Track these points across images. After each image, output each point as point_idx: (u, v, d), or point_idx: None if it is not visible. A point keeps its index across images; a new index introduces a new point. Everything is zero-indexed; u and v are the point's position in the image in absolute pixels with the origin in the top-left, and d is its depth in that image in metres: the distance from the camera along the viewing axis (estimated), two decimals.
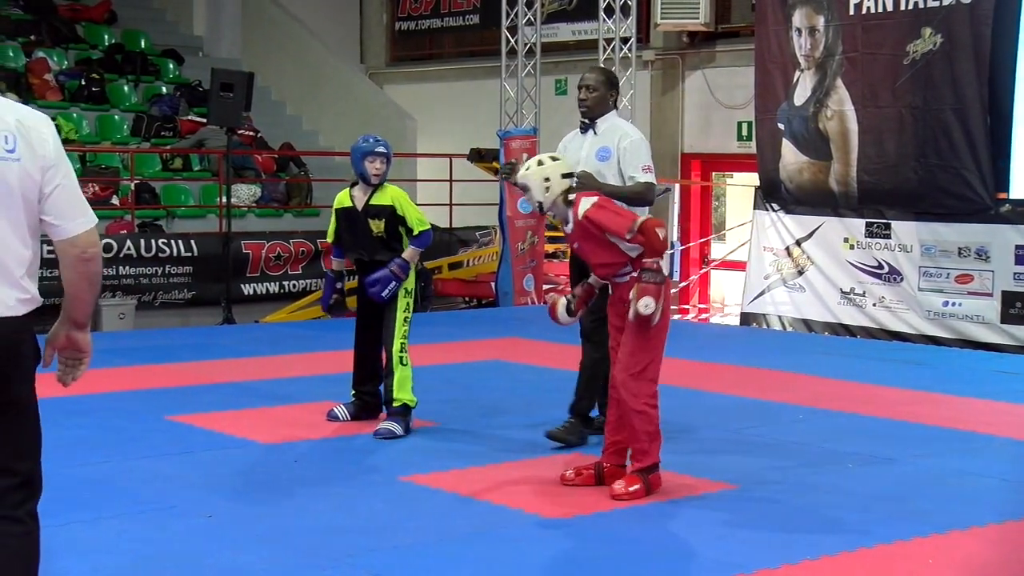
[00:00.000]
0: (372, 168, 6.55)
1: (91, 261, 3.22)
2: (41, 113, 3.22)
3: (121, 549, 4.52)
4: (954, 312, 10.89)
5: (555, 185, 5.43)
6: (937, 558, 4.63)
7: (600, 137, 6.23)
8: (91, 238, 3.22)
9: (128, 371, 8.66)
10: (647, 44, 15.69)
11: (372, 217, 6.57)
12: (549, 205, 5.46)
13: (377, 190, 6.61)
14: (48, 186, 3.12)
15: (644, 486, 5.32)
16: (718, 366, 9.35)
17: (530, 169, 5.50)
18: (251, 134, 15.16)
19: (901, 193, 11.22)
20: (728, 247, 15.48)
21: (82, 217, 3.20)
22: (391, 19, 19.53)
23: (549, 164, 5.49)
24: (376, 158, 6.56)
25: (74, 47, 16.07)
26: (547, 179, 5.43)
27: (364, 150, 6.57)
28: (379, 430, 6.48)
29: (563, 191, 5.43)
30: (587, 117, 6.28)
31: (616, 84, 6.45)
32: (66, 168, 3.18)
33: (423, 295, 13.13)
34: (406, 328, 6.58)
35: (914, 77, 11.00)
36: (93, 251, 3.22)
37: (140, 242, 12.14)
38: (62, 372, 3.36)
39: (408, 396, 6.53)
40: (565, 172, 5.48)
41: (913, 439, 6.71)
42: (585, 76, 6.38)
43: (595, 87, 6.27)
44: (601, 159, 6.16)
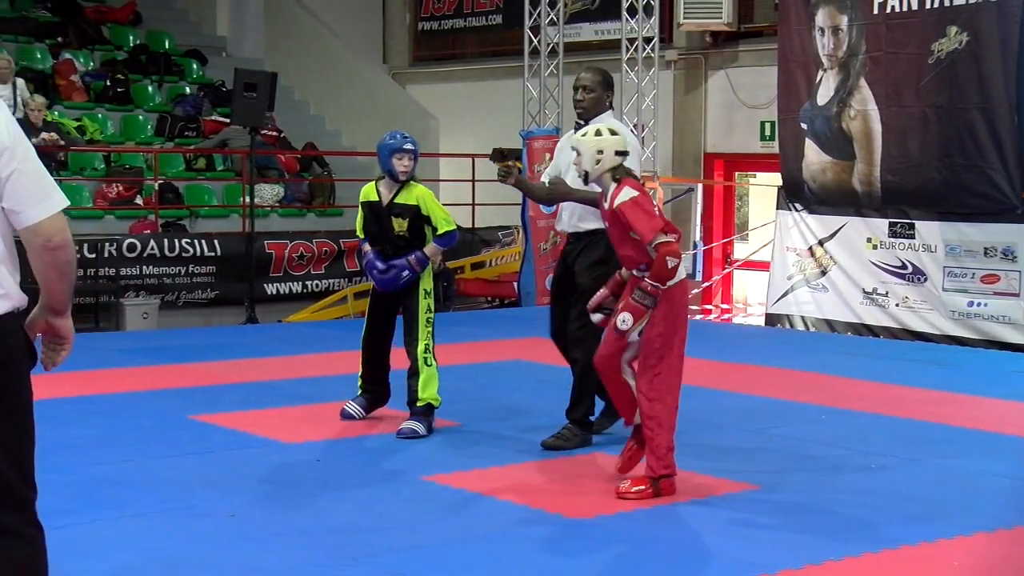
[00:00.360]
0: (400, 165, 6.51)
1: (57, 250, 2.97)
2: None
3: (144, 547, 4.53)
4: (979, 312, 10.82)
5: (606, 160, 5.37)
6: (962, 560, 4.60)
7: None
8: (55, 224, 2.97)
9: (151, 370, 8.69)
10: (670, 44, 15.66)
11: (395, 215, 6.55)
12: (595, 177, 5.43)
13: (403, 188, 6.57)
14: (3, 171, 2.91)
15: (653, 489, 5.30)
16: (740, 366, 9.32)
17: (587, 136, 5.45)
18: (274, 134, 15.20)
19: (925, 193, 11.16)
20: (751, 247, 15.43)
21: (44, 202, 2.95)
22: (414, 19, 19.55)
23: (607, 137, 5.41)
24: (404, 155, 6.51)
25: (99, 48, 16.16)
26: (600, 151, 5.38)
27: (392, 147, 6.53)
28: (402, 429, 6.49)
29: (612, 168, 5.38)
30: (583, 118, 6.26)
31: (611, 85, 6.41)
32: (23, 151, 2.95)
33: (445, 295, 13.17)
34: (430, 329, 6.58)
35: (939, 76, 10.93)
36: (59, 239, 2.97)
37: (163, 242, 12.19)
38: (44, 356, 3.17)
39: (433, 396, 6.52)
40: (620, 150, 5.40)
41: (937, 440, 6.67)
42: (581, 76, 6.35)
43: (592, 87, 6.26)
44: None
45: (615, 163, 5.39)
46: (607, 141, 5.40)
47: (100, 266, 11.71)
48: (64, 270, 3.02)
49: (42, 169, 2.99)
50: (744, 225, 16.38)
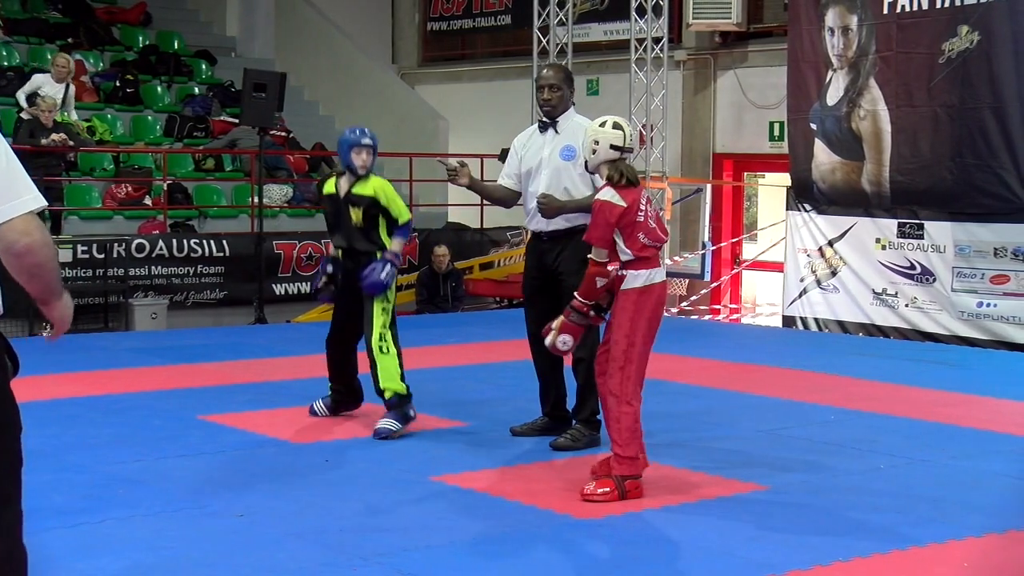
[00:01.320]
0: (359, 160, 6.63)
1: (22, 256, 2.74)
2: None
3: (154, 547, 4.54)
4: (989, 313, 10.80)
5: (601, 152, 5.37)
6: (972, 562, 4.58)
7: (562, 135, 6.24)
8: (20, 227, 2.73)
9: (160, 371, 8.71)
10: (679, 44, 15.65)
11: (352, 205, 6.65)
12: (592, 167, 5.46)
13: (360, 180, 6.68)
14: None
15: (618, 491, 5.27)
16: (749, 366, 9.31)
17: (592, 125, 5.47)
18: (283, 134, 15.22)
19: (935, 193, 11.14)
20: (760, 247, 15.41)
21: (7, 202, 2.72)
22: (423, 19, 19.56)
23: (608, 131, 5.39)
24: (363, 150, 6.64)
25: (109, 49, 16.20)
26: (596, 143, 5.39)
27: (352, 141, 6.65)
28: (377, 430, 6.49)
29: (607, 160, 5.37)
30: (550, 116, 6.28)
31: (572, 80, 6.44)
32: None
33: (454, 295, 13.18)
34: (385, 318, 6.56)
35: (950, 76, 10.91)
36: (23, 243, 2.74)
37: (172, 242, 12.22)
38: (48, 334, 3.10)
39: (396, 385, 6.50)
40: (616, 145, 5.37)
41: (947, 441, 6.66)
42: (546, 75, 6.37)
43: (558, 86, 6.27)
44: (566, 157, 6.16)
45: (610, 156, 5.37)
46: (605, 134, 5.39)
47: (109, 266, 11.73)
48: (33, 272, 2.81)
49: (15, 166, 2.79)
50: (753, 225, 16.36)
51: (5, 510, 2.83)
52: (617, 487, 5.28)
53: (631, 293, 5.32)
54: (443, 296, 13.15)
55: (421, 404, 7.00)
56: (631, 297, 5.32)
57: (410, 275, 13.56)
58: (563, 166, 6.16)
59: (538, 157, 6.26)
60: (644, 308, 5.35)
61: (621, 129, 5.40)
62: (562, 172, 6.17)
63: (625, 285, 5.34)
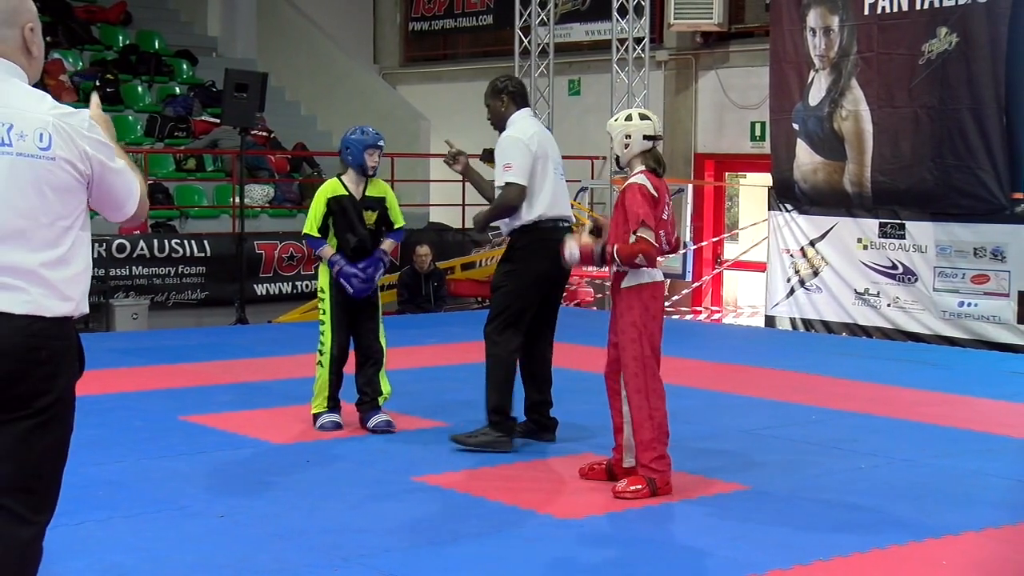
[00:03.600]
0: (371, 160, 6.63)
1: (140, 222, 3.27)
2: (80, 109, 3.09)
3: (135, 548, 4.52)
4: (970, 312, 10.85)
5: (635, 144, 5.38)
6: (950, 560, 4.61)
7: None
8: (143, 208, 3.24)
9: (141, 371, 8.68)
10: (660, 44, 15.67)
11: (368, 208, 6.67)
12: (625, 162, 5.44)
13: (370, 181, 6.71)
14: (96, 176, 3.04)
15: (649, 488, 5.30)
16: (732, 367, 9.33)
17: (618, 120, 5.46)
18: (265, 134, 15.19)
19: (916, 193, 11.19)
20: (741, 247, 15.45)
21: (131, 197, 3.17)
22: (404, 19, 19.54)
23: (636, 122, 5.40)
24: (376, 151, 6.65)
25: (89, 48, 16.13)
26: (628, 136, 5.38)
27: (366, 143, 6.63)
28: (378, 425, 6.59)
29: (641, 152, 5.38)
30: (497, 128, 6.38)
31: (501, 90, 6.39)
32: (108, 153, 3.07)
33: (436, 295, 13.17)
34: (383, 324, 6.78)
35: (930, 77, 10.96)
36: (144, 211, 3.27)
37: (153, 242, 12.18)
38: None
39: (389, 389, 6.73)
40: (648, 134, 5.39)
41: (928, 440, 6.68)
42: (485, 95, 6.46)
43: (487, 102, 6.41)
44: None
45: (644, 147, 5.38)
46: (635, 126, 5.39)
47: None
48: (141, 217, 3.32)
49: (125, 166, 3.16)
50: (734, 225, 16.40)
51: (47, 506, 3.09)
52: (649, 485, 5.29)
53: (637, 290, 5.31)
54: (425, 296, 13.13)
55: (402, 405, 7.00)
56: (636, 294, 5.31)
57: (392, 275, 13.55)
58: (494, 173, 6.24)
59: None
60: (652, 304, 5.34)
61: (649, 119, 5.44)
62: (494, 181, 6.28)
63: (627, 283, 5.34)
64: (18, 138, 2.92)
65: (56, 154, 2.95)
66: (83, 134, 3.01)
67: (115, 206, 3.14)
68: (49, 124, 2.95)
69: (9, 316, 2.90)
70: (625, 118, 5.44)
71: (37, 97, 3.00)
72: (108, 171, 3.07)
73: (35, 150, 2.93)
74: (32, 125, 2.94)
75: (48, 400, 2.96)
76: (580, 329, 9.64)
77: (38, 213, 2.94)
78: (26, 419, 2.94)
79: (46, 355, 2.94)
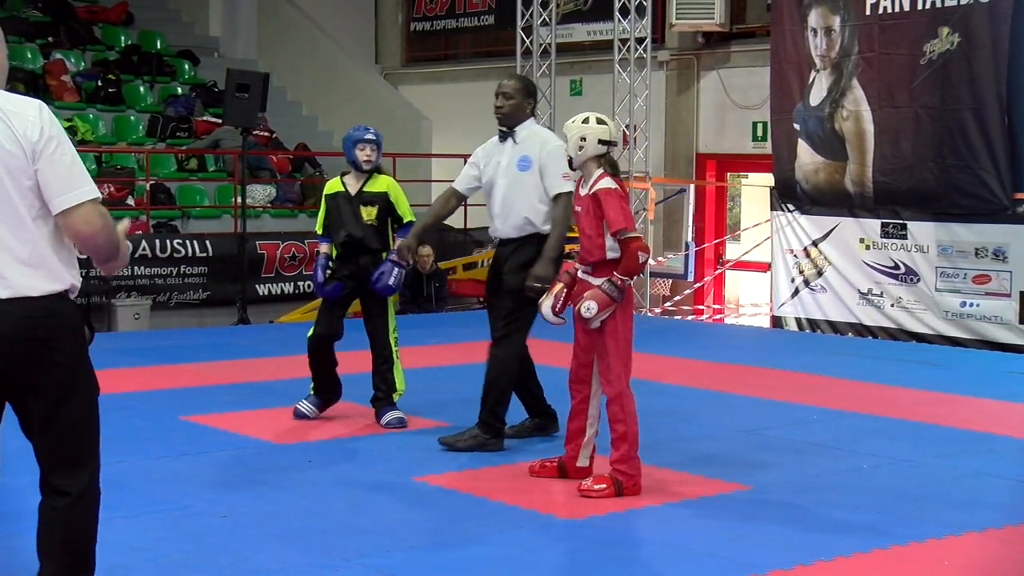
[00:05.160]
0: (363, 155, 6.68)
1: (86, 240, 3.22)
2: (32, 99, 3.25)
3: (136, 548, 4.52)
4: (972, 312, 10.85)
5: (589, 148, 5.43)
6: (952, 560, 4.61)
7: (520, 146, 6.24)
8: (84, 216, 3.21)
9: (143, 371, 8.68)
10: (662, 44, 15.66)
11: (366, 204, 6.70)
12: (578, 164, 5.49)
13: (371, 178, 6.75)
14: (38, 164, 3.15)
15: (615, 488, 5.31)
16: (733, 367, 9.33)
17: (575, 123, 5.50)
18: (266, 134, 15.18)
19: (918, 193, 11.19)
20: (743, 247, 15.45)
21: (69, 192, 3.18)
22: (406, 19, 19.54)
23: (592, 126, 5.45)
24: (367, 145, 6.69)
25: (91, 48, 16.13)
26: (583, 138, 5.43)
27: (355, 138, 6.73)
28: (391, 421, 6.67)
29: (596, 155, 5.42)
30: (504, 125, 6.29)
31: (533, 93, 6.42)
32: (55, 146, 3.18)
33: (437, 295, 13.17)
34: (395, 321, 6.81)
35: (931, 77, 10.96)
36: (86, 231, 3.22)
37: (155, 242, 12.17)
38: None
39: (403, 385, 6.82)
40: (604, 139, 5.44)
41: (930, 440, 6.68)
42: (503, 84, 6.36)
43: (511, 95, 6.27)
44: (521, 168, 6.18)
45: (599, 151, 5.44)
46: (591, 129, 5.45)
47: (91, 267, 11.64)
48: (96, 251, 3.29)
49: (73, 161, 3.20)
50: (736, 226, 16.40)
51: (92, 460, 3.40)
52: (614, 484, 5.31)
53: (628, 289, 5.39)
54: (426, 296, 13.13)
55: (404, 405, 6.99)
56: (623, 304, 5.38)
57: None
58: (519, 177, 6.17)
59: (496, 167, 6.28)
60: (628, 308, 5.44)
61: (605, 123, 5.48)
62: (517, 184, 6.18)
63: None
64: None
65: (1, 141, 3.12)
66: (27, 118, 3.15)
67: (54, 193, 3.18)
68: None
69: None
70: (582, 120, 5.49)
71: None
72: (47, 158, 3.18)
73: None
74: None
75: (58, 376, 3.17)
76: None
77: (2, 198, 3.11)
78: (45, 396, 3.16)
79: (42, 334, 3.13)
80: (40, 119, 3.17)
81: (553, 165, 6.07)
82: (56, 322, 3.16)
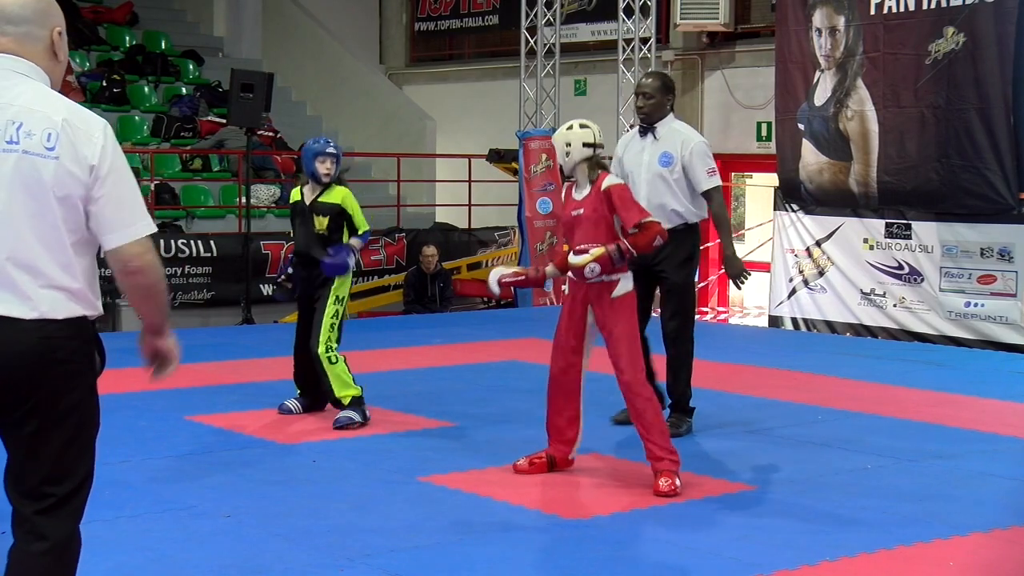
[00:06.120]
0: (322, 168, 6.79)
1: (135, 274, 3.00)
2: (98, 117, 3.04)
3: (141, 548, 4.53)
4: (976, 313, 10.83)
5: (575, 152, 5.51)
6: (958, 560, 4.60)
7: (661, 142, 6.52)
8: (133, 250, 2.97)
9: (147, 371, 8.66)
10: (666, 44, 15.66)
11: (318, 213, 6.80)
12: (569, 170, 5.57)
13: (326, 189, 6.84)
14: (94, 191, 2.94)
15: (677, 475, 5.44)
16: (738, 367, 9.32)
17: (559, 131, 5.62)
18: (271, 135, 15.20)
19: (922, 193, 11.17)
20: (747, 247, 15.44)
21: (125, 229, 2.97)
22: (411, 20, 19.55)
23: (576, 131, 5.54)
24: (327, 158, 6.80)
25: (96, 48, 16.15)
26: (568, 144, 5.52)
27: (315, 151, 6.82)
28: (338, 419, 6.67)
29: (584, 159, 5.49)
30: (646, 122, 6.56)
31: (672, 89, 6.69)
32: (116, 176, 2.97)
33: (442, 296, 13.17)
34: (334, 334, 6.71)
35: (936, 77, 10.94)
36: (136, 264, 2.99)
37: (159, 242, 12.18)
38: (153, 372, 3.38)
39: (351, 391, 6.70)
40: (588, 142, 5.51)
41: (934, 440, 6.68)
42: (642, 83, 6.64)
43: (652, 94, 6.53)
44: (663, 164, 6.47)
45: (584, 155, 5.51)
46: (574, 135, 5.54)
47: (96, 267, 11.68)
48: (147, 293, 3.08)
49: (132, 194, 3.02)
50: (740, 226, 16.40)
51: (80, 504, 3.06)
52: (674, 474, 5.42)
53: (629, 298, 5.51)
54: (431, 296, 13.14)
55: (409, 405, 7.00)
56: (628, 302, 5.51)
57: (398, 275, 13.56)
58: (661, 172, 6.47)
59: (637, 161, 6.55)
60: (635, 309, 5.56)
61: (588, 127, 5.56)
62: (661, 179, 6.47)
63: (618, 292, 5.48)
64: (26, 136, 2.88)
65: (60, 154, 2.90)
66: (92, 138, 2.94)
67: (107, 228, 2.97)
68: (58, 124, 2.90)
69: (18, 321, 2.88)
70: (567, 128, 5.60)
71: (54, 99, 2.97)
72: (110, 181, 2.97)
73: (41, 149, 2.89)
74: (41, 125, 2.89)
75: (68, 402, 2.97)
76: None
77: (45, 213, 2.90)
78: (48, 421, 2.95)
79: (62, 356, 2.93)
80: (105, 141, 2.96)
81: (698, 163, 6.43)
82: (74, 345, 2.97)
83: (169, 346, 3.28)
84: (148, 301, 3.11)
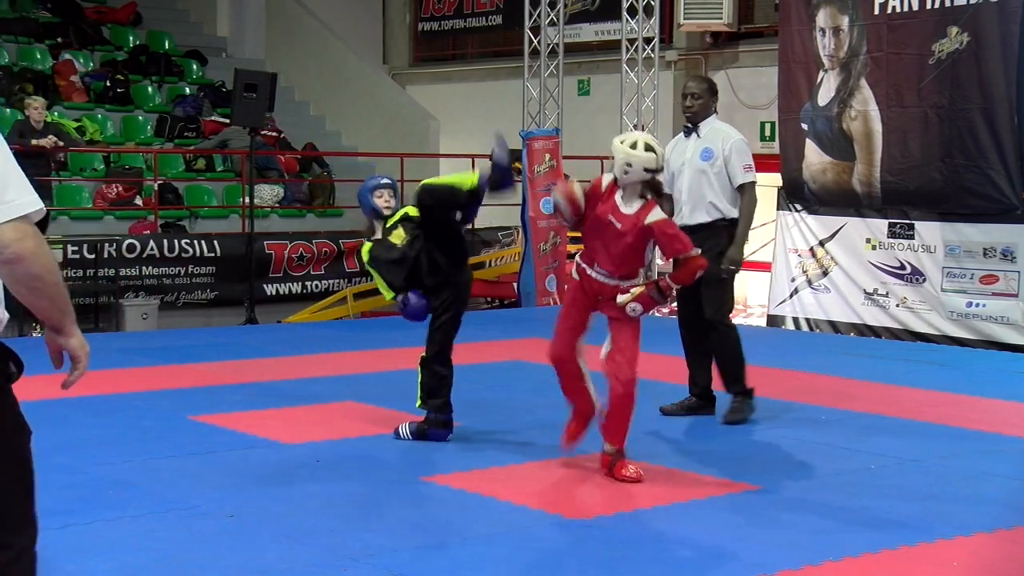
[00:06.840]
0: (381, 201, 6.34)
1: (15, 263, 2.45)
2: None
3: (144, 548, 4.53)
4: (978, 313, 10.82)
5: (634, 174, 5.50)
6: (962, 560, 4.60)
7: (703, 139, 7.00)
8: (11, 233, 2.44)
9: (151, 371, 8.69)
10: (670, 44, 15.67)
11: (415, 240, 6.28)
12: (622, 184, 5.58)
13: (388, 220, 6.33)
14: None
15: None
16: None
17: (624, 143, 5.54)
18: (274, 134, 15.21)
19: (926, 193, 11.16)
20: (750, 247, 15.41)
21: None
22: (414, 20, 19.56)
23: (640, 155, 5.46)
24: (383, 190, 6.35)
25: (100, 49, 16.17)
26: (630, 164, 5.50)
27: (371, 186, 6.37)
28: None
29: (640, 181, 5.50)
30: (691, 122, 7.03)
31: (716, 91, 7.17)
32: None
33: None
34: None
35: (940, 77, 10.93)
36: (14, 249, 2.44)
37: (163, 242, 12.20)
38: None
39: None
40: (650, 168, 5.48)
41: (938, 440, 6.67)
42: (688, 85, 7.12)
43: (699, 95, 7.01)
44: (705, 159, 6.94)
45: (642, 178, 5.50)
46: (637, 156, 5.45)
47: (99, 267, 11.71)
48: (32, 284, 2.51)
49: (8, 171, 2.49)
50: None
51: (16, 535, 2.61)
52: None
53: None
54: None
55: (411, 405, 6.99)
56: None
57: None
58: (702, 167, 6.93)
59: (681, 159, 7.00)
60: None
61: (653, 151, 5.49)
62: (701, 173, 6.94)
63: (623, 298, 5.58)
64: None
65: None
66: None
67: None
68: None
69: None
70: (631, 145, 5.50)
71: None
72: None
73: None
74: None
75: None
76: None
77: None
78: None
79: None
80: None
81: (736, 159, 6.91)
82: None
83: (74, 346, 2.66)
84: (35, 295, 2.53)
